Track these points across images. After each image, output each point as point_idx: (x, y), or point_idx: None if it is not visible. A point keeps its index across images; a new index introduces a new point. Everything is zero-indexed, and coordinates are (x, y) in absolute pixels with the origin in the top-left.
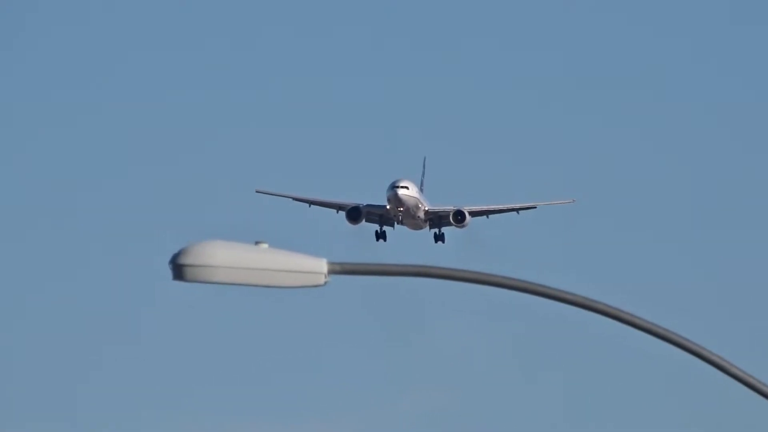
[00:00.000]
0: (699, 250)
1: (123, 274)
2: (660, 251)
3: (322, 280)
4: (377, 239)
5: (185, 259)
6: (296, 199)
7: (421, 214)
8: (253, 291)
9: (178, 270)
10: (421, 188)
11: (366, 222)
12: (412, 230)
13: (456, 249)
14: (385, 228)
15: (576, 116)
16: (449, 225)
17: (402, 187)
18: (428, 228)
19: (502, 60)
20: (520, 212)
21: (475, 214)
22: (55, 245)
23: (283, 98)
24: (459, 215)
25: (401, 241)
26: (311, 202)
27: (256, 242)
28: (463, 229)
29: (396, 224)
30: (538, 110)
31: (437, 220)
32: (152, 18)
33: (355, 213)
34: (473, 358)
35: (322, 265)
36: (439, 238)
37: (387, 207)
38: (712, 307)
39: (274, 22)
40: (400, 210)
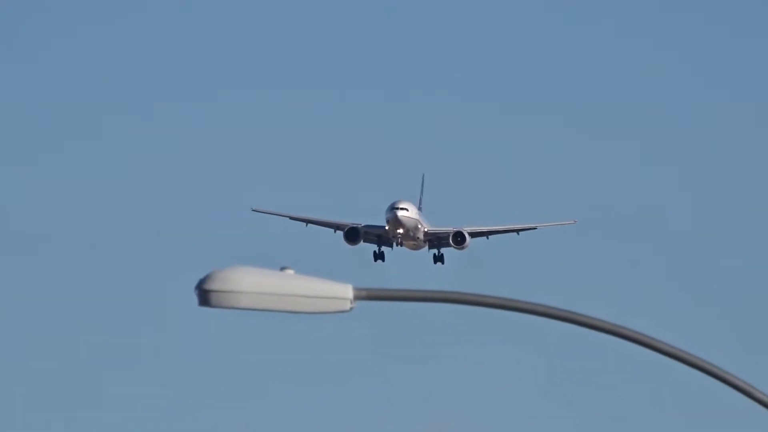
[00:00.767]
0: (703, 269)
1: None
2: (664, 271)
3: (347, 305)
4: (375, 260)
5: (211, 285)
6: (293, 218)
7: (421, 236)
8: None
9: (204, 296)
10: (420, 207)
11: (364, 242)
12: (411, 251)
13: (456, 270)
14: (383, 248)
15: (577, 136)
16: (449, 246)
17: (401, 209)
18: (427, 249)
19: (504, 79)
20: (520, 233)
21: (475, 235)
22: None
23: (279, 116)
24: (459, 236)
25: (400, 262)
26: (308, 222)
27: (282, 268)
28: (463, 250)
29: (395, 245)
30: (540, 130)
31: (437, 242)
32: (146, 32)
33: (353, 233)
34: (492, 383)
35: (348, 291)
36: (438, 259)
37: (386, 228)
38: (716, 325)
39: (273, 38)
40: (399, 232)
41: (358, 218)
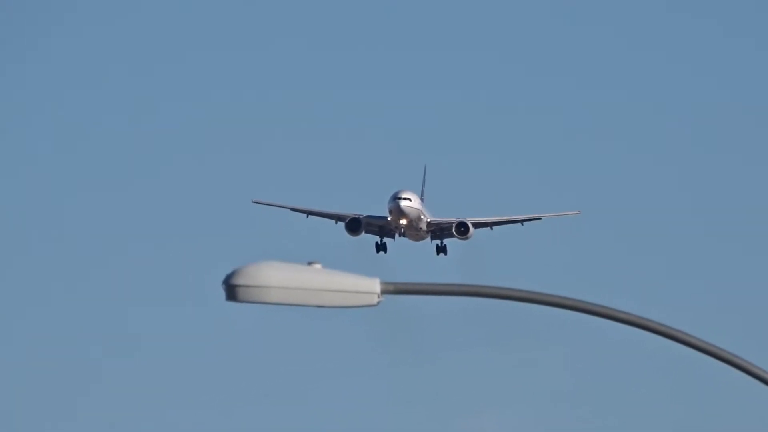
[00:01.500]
0: (704, 259)
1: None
2: (667, 261)
3: (375, 300)
4: (377, 251)
5: (239, 280)
6: (294, 210)
7: (423, 226)
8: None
9: (232, 291)
10: (422, 198)
11: (366, 233)
12: (414, 242)
13: (459, 261)
14: (385, 239)
15: (580, 125)
16: (452, 237)
17: (404, 199)
18: (430, 239)
19: (506, 69)
20: (524, 224)
21: (479, 226)
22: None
23: (279, 108)
24: (462, 227)
25: (402, 254)
26: (309, 213)
27: (309, 262)
28: (466, 241)
29: (397, 236)
30: (543, 120)
31: (439, 232)
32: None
33: (354, 224)
34: (515, 380)
35: (375, 285)
36: (441, 250)
37: (388, 218)
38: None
39: (274, 31)
40: (401, 222)
41: (360, 209)
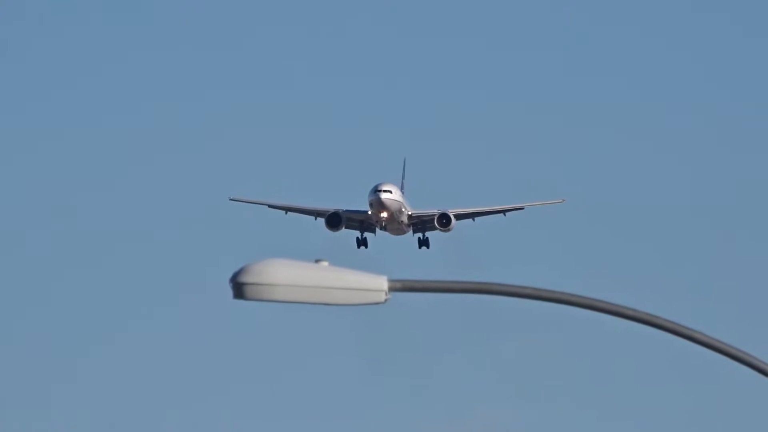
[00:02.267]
0: (691, 246)
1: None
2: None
3: (382, 297)
4: (358, 246)
5: (246, 278)
6: (272, 207)
7: (405, 219)
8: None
9: (239, 288)
10: (402, 191)
11: (346, 228)
12: (395, 236)
13: (441, 254)
14: (366, 234)
15: (563, 112)
16: (434, 229)
17: (385, 191)
18: (411, 233)
19: (488, 57)
20: (507, 214)
21: (461, 217)
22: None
23: (256, 103)
24: (444, 218)
25: (384, 248)
26: (288, 209)
27: (317, 260)
28: (449, 233)
29: (378, 230)
30: (524, 107)
31: (421, 225)
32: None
33: (334, 219)
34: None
35: (383, 283)
36: (423, 243)
37: (369, 212)
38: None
39: (246, 26)
40: (383, 215)
41: (338, 205)
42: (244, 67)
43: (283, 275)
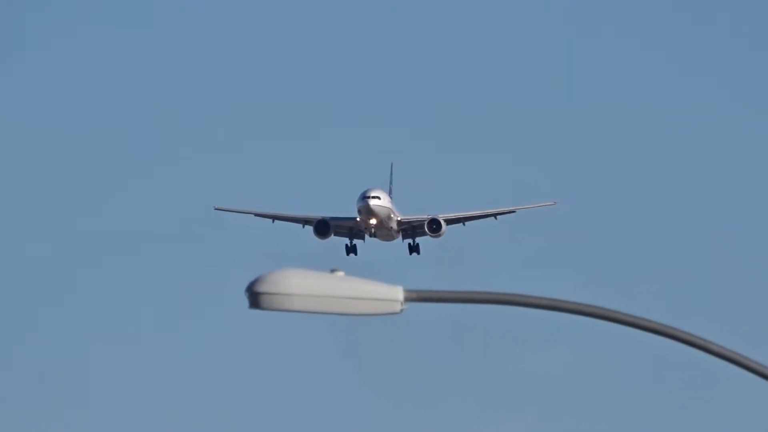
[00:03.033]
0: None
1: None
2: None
3: (398, 307)
4: (348, 254)
5: (262, 287)
6: (258, 215)
7: (394, 225)
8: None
9: (255, 298)
10: (391, 196)
11: (335, 236)
12: (385, 242)
13: (432, 260)
14: (355, 241)
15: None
16: (424, 235)
17: (373, 198)
18: (401, 239)
19: (478, 60)
20: (498, 218)
21: (451, 222)
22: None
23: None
24: (434, 224)
25: (374, 255)
26: (274, 218)
27: (332, 270)
28: (439, 238)
29: (367, 237)
30: (514, 110)
31: (411, 231)
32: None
33: (323, 227)
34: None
35: (398, 293)
36: (413, 249)
37: (357, 219)
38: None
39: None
40: (371, 222)
41: (326, 212)
42: (229, 75)
43: (299, 285)
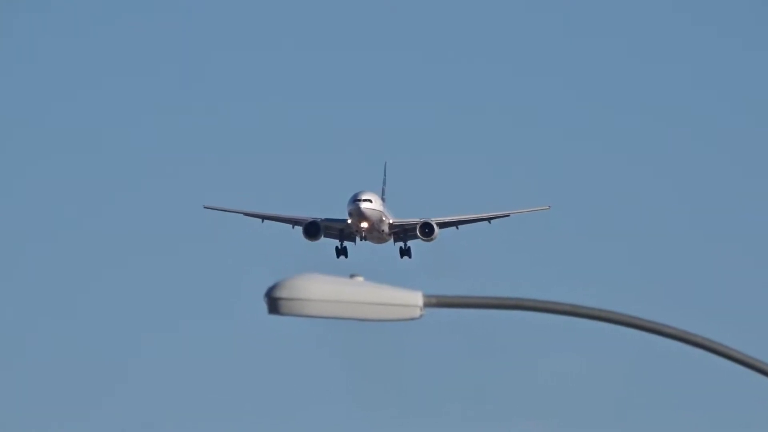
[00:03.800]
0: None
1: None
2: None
3: (417, 312)
4: (338, 256)
5: (281, 293)
6: (248, 215)
7: (386, 228)
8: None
9: (274, 303)
10: (383, 197)
11: (325, 238)
12: (376, 245)
13: (423, 264)
14: (345, 244)
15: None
16: (416, 238)
17: (365, 200)
18: (393, 242)
19: (470, 64)
20: (492, 221)
21: (444, 226)
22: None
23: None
24: (426, 227)
25: (364, 258)
26: (264, 218)
27: (351, 275)
28: (431, 242)
29: (358, 239)
30: (508, 113)
31: (403, 234)
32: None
33: (313, 228)
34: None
35: (417, 298)
36: (405, 252)
37: (348, 221)
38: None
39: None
40: (362, 225)
41: (318, 213)
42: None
43: (318, 290)
